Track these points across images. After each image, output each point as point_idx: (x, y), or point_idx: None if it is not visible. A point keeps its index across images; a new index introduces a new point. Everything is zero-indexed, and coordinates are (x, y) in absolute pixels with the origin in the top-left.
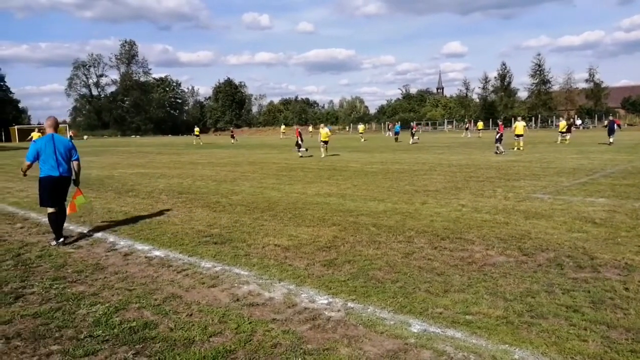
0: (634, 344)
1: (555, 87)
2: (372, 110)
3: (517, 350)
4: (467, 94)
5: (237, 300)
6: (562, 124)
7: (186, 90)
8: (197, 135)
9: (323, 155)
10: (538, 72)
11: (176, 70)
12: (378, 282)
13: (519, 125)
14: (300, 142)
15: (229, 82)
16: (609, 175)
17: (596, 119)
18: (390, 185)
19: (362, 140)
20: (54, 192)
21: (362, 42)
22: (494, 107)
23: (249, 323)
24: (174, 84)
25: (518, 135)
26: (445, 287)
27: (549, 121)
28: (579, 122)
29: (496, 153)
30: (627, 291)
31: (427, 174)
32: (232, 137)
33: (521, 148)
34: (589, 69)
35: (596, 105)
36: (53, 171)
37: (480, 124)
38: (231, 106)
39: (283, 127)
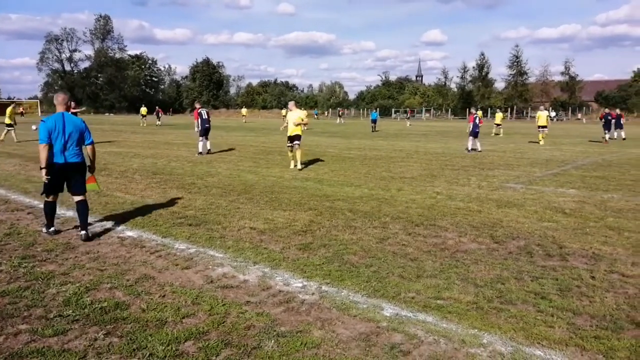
0: (598, 330)
1: (532, 79)
2: (352, 96)
3: (486, 334)
4: (445, 83)
5: (211, 282)
6: (499, 115)
7: (162, 69)
8: (144, 116)
9: (292, 167)
10: (515, 64)
11: (152, 48)
12: (352, 266)
13: (542, 116)
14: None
15: (206, 62)
16: (580, 167)
17: (570, 111)
18: (368, 171)
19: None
20: (58, 181)
21: (343, 26)
22: (472, 97)
23: (223, 305)
24: (150, 61)
25: (541, 127)
26: (418, 273)
27: (524, 112)
28: (553, 114)
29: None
30: (594, 280)
31: (403, 161)
32: (157, 116)
33: (541, 142)
34: (565, 62)
35: (570, 98)
36: (58, 157)
37: (499, 115)
38: (209, 86)
39: (244, 110)
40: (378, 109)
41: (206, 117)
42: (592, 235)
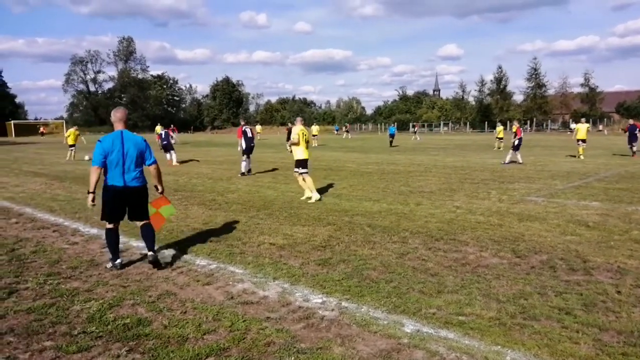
0: (626, 347)
1: (551, 91)
2: (369, 111)
3: (510, 351)
4: (463, 96)
5: (232, 298)
6: (499, 128)
7: (183, 88)
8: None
9: (304, 197)
10: (534, 76)
11: (173, 68)
12: (372, 282)
13: (582, 128)
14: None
15: (226, 80)
16: (603, 179)
17: (591, 123)
18: (386, 185)
19: (315, 144)
20: (117, 205)
21: (359, 43)
22: (490, 110)
23: (243, 321)
24: (171, 81)
25: (580, 141)
26: (439, 288)
27: (544, 125)
28: (573, 125)
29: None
30: (619, 294)
31: (422, 175)
32: (170, 135)
33: (582, 156)
34: (584, 73)
35: (591, 109)
36: (117, 179)
37: (500, 129)
38: (228, 104)
39: (258, 127)
40: (396, 123)
41: (251, 135)
42: (617, 248)
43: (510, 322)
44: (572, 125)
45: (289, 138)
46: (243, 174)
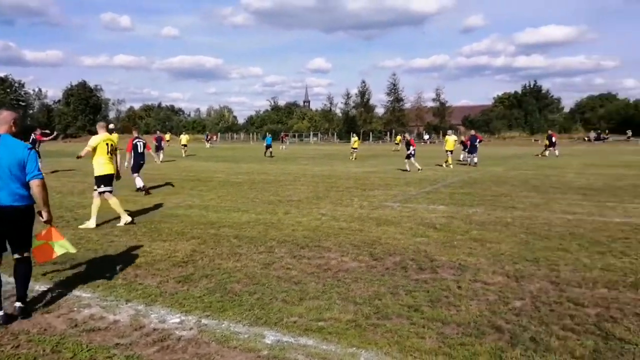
0: (464, 338)
1: (408, 105)
2: (241, 120)
3: (363, 352)
4: (331, 108)
5: (76, 326)
6: (354, 139)
7: (31, 92)
8: None
9: (120, 223)
10: (393, 91)
11: (20, 70)
12: (235, 295)
13: (450, 140)
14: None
15: (82, 85)
16: (449, 185)
17: (441, 134)
18: (255, 195)
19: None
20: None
21: (231, 51)
22: (355, 122)
23: (88, 350)
24: (16, 84)
25: (449, 151)
26: (301, 296)
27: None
28: (426, 137)
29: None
30: (460, 289)
31: (291, 184)
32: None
33: (451, 165)
34: (436, 89)
35: (441, 122)
36: None
37: (398, 138)
38: (84, 111)
39: (114, 135)
40: (270, 133)
41: (142, 150)
42: (459, 247)
43: (365, 323)
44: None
45: (159, 147)
46: (140, 189)
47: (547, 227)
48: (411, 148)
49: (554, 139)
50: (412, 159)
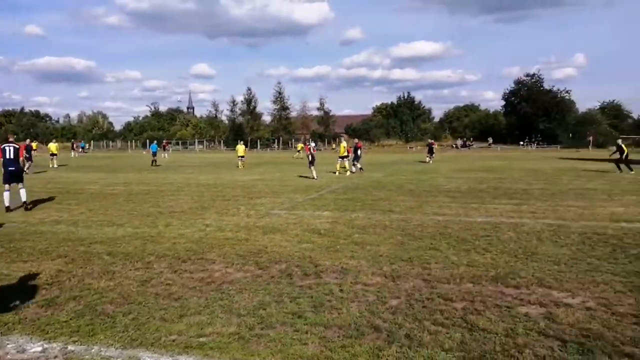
0: (345, 340)
1: (294, 113)
2: (118, 127)
3: None
4: (216, 115)
5: None
6: (240, 147)
7: None
8: None
9: None
10: (279, 99)
11: None
12: (107, 316)
13: (342, 147)
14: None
15: None
16: (334, 191)
17: (326, 142)
18: (133, 207)
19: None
20: None
21: (105, 53)
22: (242, 129)
23: None
24: None
25: (342, 157)
26: (182, 312)
27: (289, 143)
28: (313, 144)
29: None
30: (342, 292)
31: (174, 195)
32: None
33: (338, 172)
34: (320, 98)
35: (326, 130)
36: None
37: (240, 148)
38: None
39: (35, 144)
40: (156, 141)
41: (12, 156)
42: (342, 251)
43: (248, 335)
44: (312, 144)
45: (28, 158)
46: (8, 208)
47: (420, 229)
48: (360, 151)
49: (433, 148)
50: (357, 161)
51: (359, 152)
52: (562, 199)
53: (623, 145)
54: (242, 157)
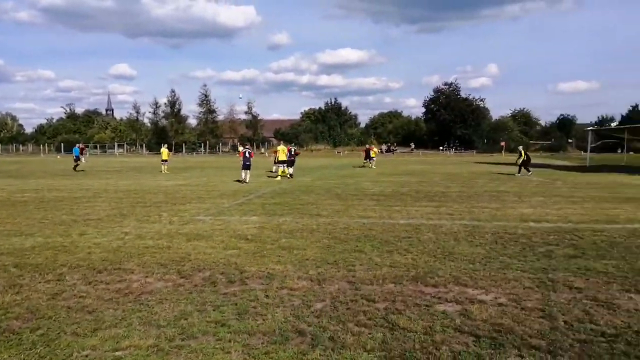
0: (269, 346)
1: (221, 117)
2: (29, 129)
3: None
4: (137, 118)
5: None
6: (164, 150)
7: None
8: None
9: None
10: (205, 102)
11: None
12: (13, 333)
13: (282, 151)
14: None
15: None
16: (262, 196)
17: (255, 146)
18: (44, 215)
19: None
20: None
21: (14, 51)
22: (165, 132)
23: None
24: None
25: (281, 162)
26: (96, 325)
27: (217, 147)
28: (241, 148)
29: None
30: (267, 298)
31: (90, 201)
32: None
33: (279, 177)
34: (248, 102)
35: (254, 134)
36: None
37: (164, 151)
38: None
39: None
40: (78, 144)
41: None
42: (268, 256)
43: (168, 346)
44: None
45: None
46: None
47: (346, 232)
48: (294, 155)
49: (371, 153)
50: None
51: (292, 157)
52: (477, 201)
53: (523, 151)
54: (166, 161)
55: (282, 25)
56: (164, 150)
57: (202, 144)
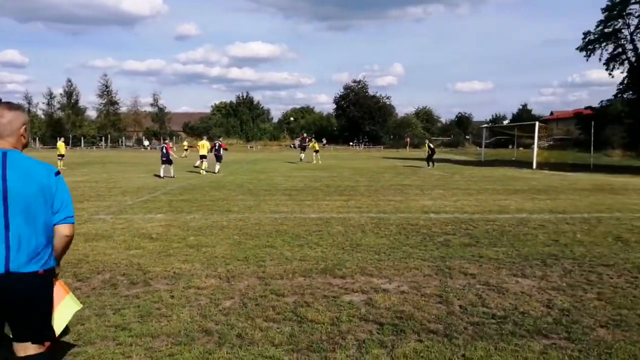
0: (173, 348)
1: (124, 109)
2: None
3: None
4: (29, 109)
5: None
6: (60, 144)
7: None
8: None
9: None
10: (106, 93)
11: None
12: None
13: (205, 145)
14: None
15: None
16: (169, 192)
17: (162, 140)
18: None
19: None
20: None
21: None
22: (62, 125)
23: None
24: None
25: (202, 157)
26: None
27: (119, 141)
28: (146, 142)
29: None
30: (173, 298)
31: None
32: None
33: (202, 170)
34: (153, 94)
35: (161, 128)
36: None
37: (61, 145)
38: None
39: None
40: None
41: None
42: (175, 255)
43: (60, 356)
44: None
45: None
46: None
47: (257, 227)
48: (221, 150)
49: (304, 143)
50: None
51: (220, 154)
52: (384, 194)
53: (430, 146)
54: (62, 155)
55: (190, 16)
56: (61, 144)
57: (103, 138)
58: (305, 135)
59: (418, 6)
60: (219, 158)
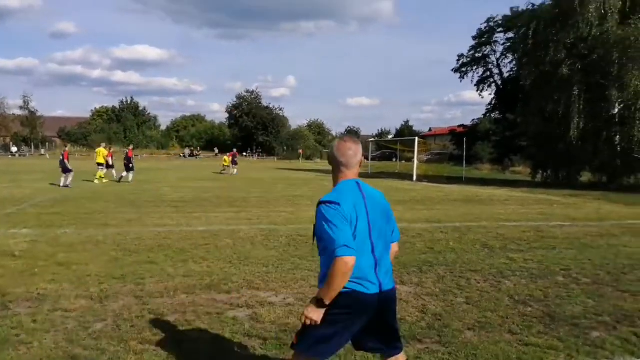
0: None
1: None
2: None
3: None
4: None
5: None
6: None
7: None
8: None
9: None
10: None
11: None
12: None
13: (102, 152)
14: None
15: None
16: (37, 205)
17: (33, 147)
18: None
19: None
20: (350, 329)
21: None
22: None
23: None
24: None
25: (100, 165)
26: None
27: None
28: (14, 149)
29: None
30: (35, 323)
31: None
32: None
33: (100, 180)
34: (23, 96)
35: (32, 133)
36: (367, 279)
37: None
38: None
39: None
40: None
41: None
42: (41, 275)
43: None
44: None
45: None
46: None
47: (137, 242)
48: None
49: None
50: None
51: (131, 164)
52: (275, 205)
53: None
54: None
55: (68, 13)
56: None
57: None
58: (235, 150)
59: (310, 21)
60: (129, 168)
